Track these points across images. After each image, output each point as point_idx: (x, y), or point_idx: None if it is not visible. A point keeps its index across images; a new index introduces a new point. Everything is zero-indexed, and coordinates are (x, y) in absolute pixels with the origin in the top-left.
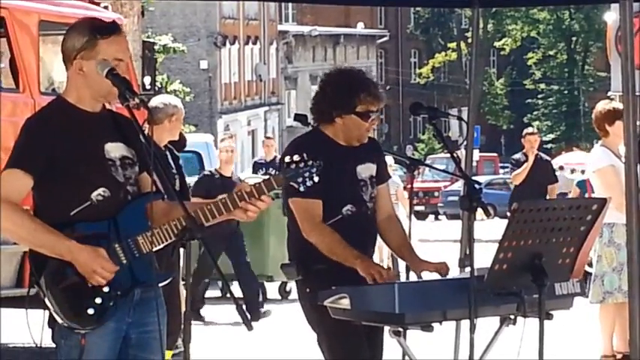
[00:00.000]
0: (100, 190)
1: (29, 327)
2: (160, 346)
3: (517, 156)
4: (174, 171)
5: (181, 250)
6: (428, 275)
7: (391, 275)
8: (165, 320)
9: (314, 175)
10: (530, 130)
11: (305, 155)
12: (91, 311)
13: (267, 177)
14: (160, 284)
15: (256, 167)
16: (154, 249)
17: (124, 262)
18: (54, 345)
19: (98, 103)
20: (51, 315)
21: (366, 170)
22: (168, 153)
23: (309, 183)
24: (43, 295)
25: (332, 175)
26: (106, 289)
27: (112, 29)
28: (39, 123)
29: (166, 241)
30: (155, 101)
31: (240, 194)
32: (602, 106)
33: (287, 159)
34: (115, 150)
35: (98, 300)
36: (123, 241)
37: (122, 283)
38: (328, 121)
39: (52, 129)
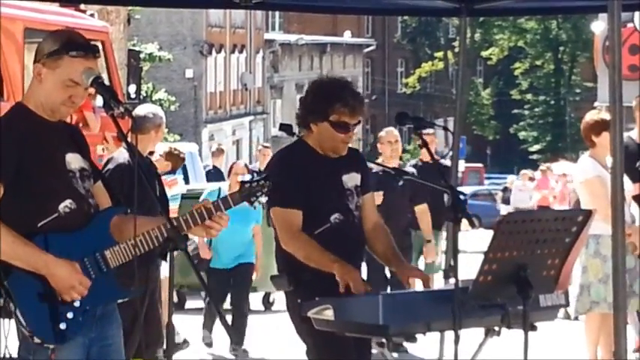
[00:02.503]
0: (67, 202)
1: (5, 337)
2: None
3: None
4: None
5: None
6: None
7: (366, 287)
8: (121, 335)
9: (263, 194)
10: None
11: (256, 175)
12: (63, 326)
13: (224, 196)
14: (125, 299)
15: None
16: (120, 263)
17: (93, 276)
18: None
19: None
20: (18, 327)
21: (351, 180)
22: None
23: (259, 202)
24: (14, 308)
25: (318, 185)
26: (77, 304)
27: (83, 49)
28: (4, 130)
29: (134, 255)
30: (142, 111)
31: (200, 212)
32: (589, 116)
33: (240, 178)
34: (74, 161)
35: (70, 315)
36: (91, 255)
37: (91, 298)
38: (306, 127)
39: (18, 137)
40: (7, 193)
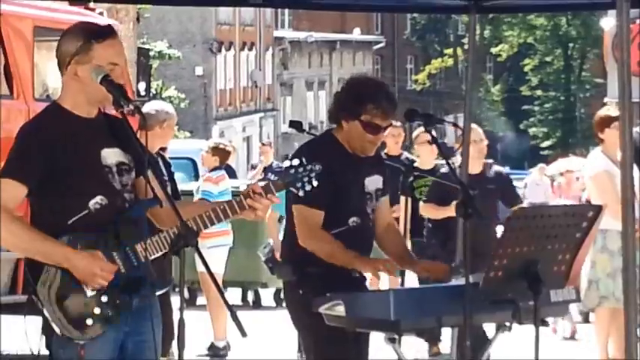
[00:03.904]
0: (98, 199)
1: (27, 334)
2: (155, 354)
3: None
4: (166, 177)
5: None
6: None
7: (393, 265)
8: (160, 329)
9: (312, 179)
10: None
11: (304, 160)
12: (89, 321)
13: (266, 181)
14: (159, 292)
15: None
16: (153, 257)
17: (123, 270)
18: (48, 353)
19: (94, 108)
20: (45, 322)
21: (373, 183)
22: (160, 159)
23: (307, 187)
24: (41, 305)
25: (342, 185)
26: (104, 299)
27: (106, 33)
28: (34, 131)
29: (165, 248)
30: (146, 107)
31: (246, 194)
32: (598, 113)
33: (287, 164)
34: (111, 156)
35: (97, 310)
36: (121, 249)
37: (121, 292)
38: (337, 123)
39: (48, 137)
40: (38, 192)
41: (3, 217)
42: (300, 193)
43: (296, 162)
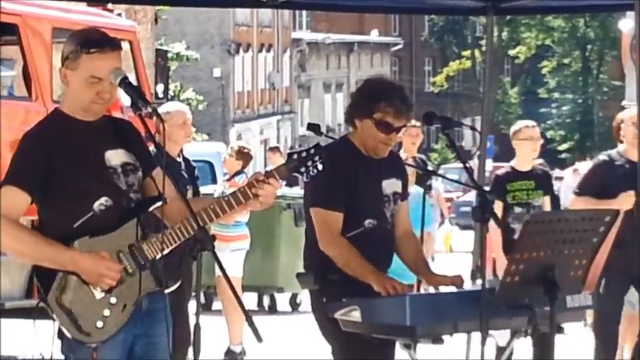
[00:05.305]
0: (102, 200)
1: (36, 339)
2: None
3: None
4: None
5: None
6: (443, 288)
7: (405, 289)
8: (171, 332)
9: (318, 163)
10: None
11: (308, 145)
12: (99, 324)
13: (270, 170)
14: (167, 291)
15: None
16: (159, 255)
17: (130, 270)
18: (63, 357)
19: (91, 112)
20: (60, 327)
21: (390, 186)
22: (182, 162)
23: (312, 172)
24: (51, 311)
25: (358, 188)
26: (113, 300)
27: (99, 44)
28: (34, 137)
29: (172, 245)
30: (161, 109)
31: (249, 184)
32: (619, 115)
33: (289, 151)
34: (115, 157)
35: (106, 312)
36: (128, 248)
37: (129, 293)
38: (351, 123)
39: (48, 143)
40: (43, 198)
41: (7, 225)
42: (305, 178)
43: (299, 148)
